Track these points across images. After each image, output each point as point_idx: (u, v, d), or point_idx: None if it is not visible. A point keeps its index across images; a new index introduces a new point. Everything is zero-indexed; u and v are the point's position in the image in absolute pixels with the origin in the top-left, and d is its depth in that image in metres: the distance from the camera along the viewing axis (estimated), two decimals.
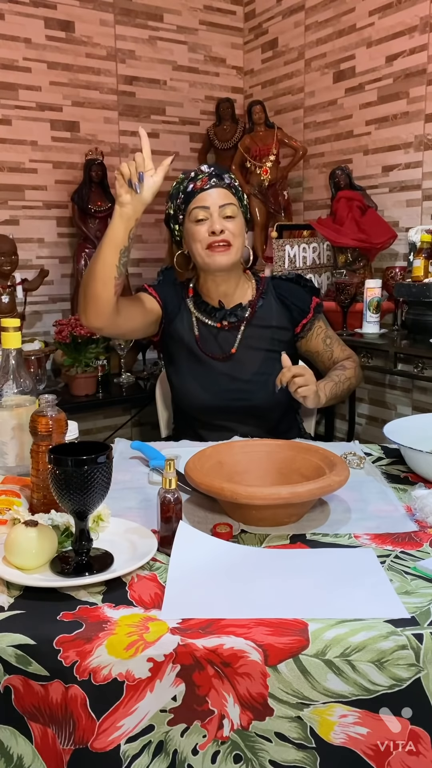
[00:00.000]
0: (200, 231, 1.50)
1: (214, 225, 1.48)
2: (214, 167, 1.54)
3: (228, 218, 1.50)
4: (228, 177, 1.54)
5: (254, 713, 0.75)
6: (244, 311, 1.58)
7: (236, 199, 1.53)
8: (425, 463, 1.20)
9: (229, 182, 1.53)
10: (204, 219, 1.49)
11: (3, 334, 1.25)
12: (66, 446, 0.95)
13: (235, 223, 1.51)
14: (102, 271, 1.40)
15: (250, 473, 1.19)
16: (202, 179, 1.51)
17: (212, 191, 1.50)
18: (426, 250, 2.27)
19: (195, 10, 3.22)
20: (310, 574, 0.91)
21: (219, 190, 1.50)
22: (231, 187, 1.53)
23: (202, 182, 1.50)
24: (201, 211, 1.49)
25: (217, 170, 1.53)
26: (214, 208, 1.49)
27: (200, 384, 1.55)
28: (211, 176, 1.51)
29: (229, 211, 1.50)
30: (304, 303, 1.60)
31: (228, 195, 1.51)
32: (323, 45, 2.92)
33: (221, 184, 1.51)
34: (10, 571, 0.88)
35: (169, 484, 0.98)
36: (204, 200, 1.50)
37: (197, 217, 1.50)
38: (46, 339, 2.81)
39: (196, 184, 1.51)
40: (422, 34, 2.47)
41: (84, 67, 2.97)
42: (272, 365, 1.56)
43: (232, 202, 1.51)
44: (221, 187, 1.51)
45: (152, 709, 0.75)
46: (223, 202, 1.50)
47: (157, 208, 3.23)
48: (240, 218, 1.53)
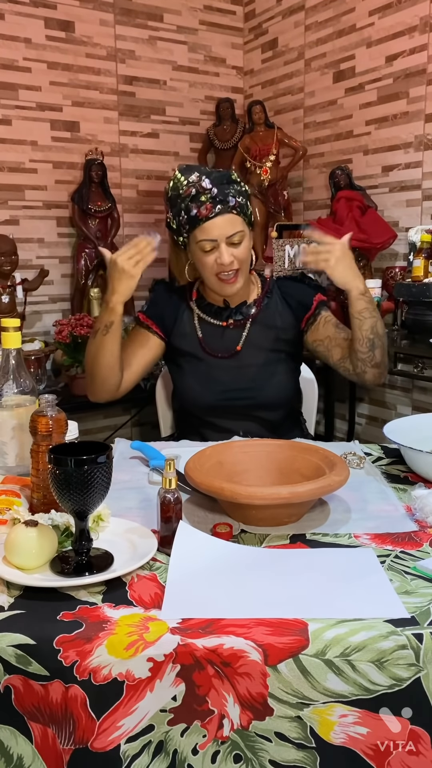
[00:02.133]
0: (209, 262, 1.48)
1: (222, 257, 1.45)
2: (215, 183, 1.44)
3: (235, 245, 1.47)
4: (232, 195, 1.44)
5: (254, 713, 0.75)
6: (250, 309, 1.58)
7: (242, 219, 1.47)
8: (425, 463, 1.20)
9: (233, 203, 1.44)
10: (212, 249, 1.47)
11: (3, 334, 1.25)
12: (66, 446, 0.95)
13: (243, 246, 1.48)
14: (110, 360, 1.49)
15: (250, 473, 1.19)
16: (206, 205, 1.43)
17: (217, 220, 1.44)
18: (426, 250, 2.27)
19: (195, 10, 3.22)
20: (310, 574, 0.91)
21: (224, 217, 1.44)
22: (236, 207, 1.45)
23: (207, 210, 1.43)
24: (208, 243, 1.46)
25: (220, 190, 1.43)
26: (221, 239, 1.45)
27: (203, 383, 1.56)
28: (215, 201, 1.43)
29: (236, 238, 1.46)
30: (307, 298, 1.59)
31: (234, 221, 1.45)
32: (323, 45, 2.92)
33: (226, 209, 1.44)
34: (10, 571, 0.88)
35: (169, 484, 0.98)
36: (210, 232, 1.45)
37: (204, 249, 1.47)
38: (46, 339, 2.81)
39: (200, 211, 1.43)
40: (422, 34, 2.47)
41: (84, 67, 2.97)
42: (276, 364, 1.56)
43: (238, 228, 1.46)
44: (227, 213, 1.44)
45: (152, 708, 0.75)
46: (230, 232, 1.45)
47: (157, 208, 3.24)
48: (247, 237, 1.49)
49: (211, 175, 1.46)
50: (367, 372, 1.50)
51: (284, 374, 1.58)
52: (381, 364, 1.50)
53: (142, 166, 3.19)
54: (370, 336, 1.45)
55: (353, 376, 1.54)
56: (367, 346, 1.46)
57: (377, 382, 1.54)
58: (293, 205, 3.15)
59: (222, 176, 1.47)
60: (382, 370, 1.51)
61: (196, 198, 1.44)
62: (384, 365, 1.51)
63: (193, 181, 1.45)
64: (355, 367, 1.51)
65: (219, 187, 1.44)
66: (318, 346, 1.59)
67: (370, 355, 1.47)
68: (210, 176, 1.45)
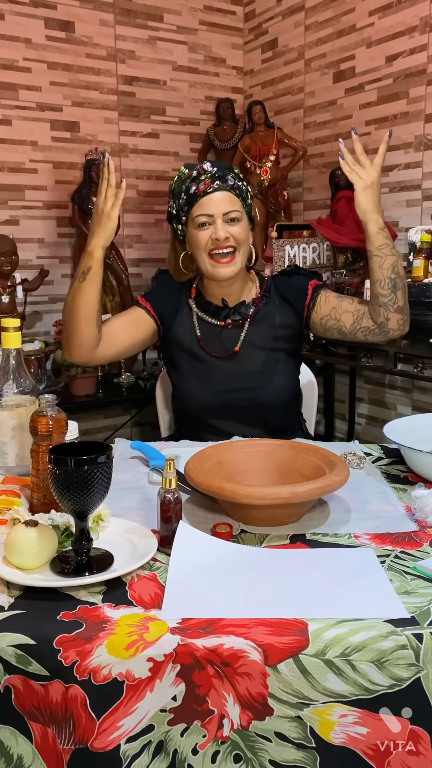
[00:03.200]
0: (203, 238, 1.48)
1: (218, 232, 1.46)
2: (216, 166, 1.50)
3: (232, 222, 1.47)
4: (231, 177, 1.49)
5: (254, 713, 0.75)
6: (248, 308, 1.57)
7: (240, 201, 1.50)
8: (425, 463, 1.20)
9: (233, 183, 1.49)
10: (207, 225, 1.47)
11: (3, 334, 1.25)
12: (66, 446, 0.95)
13: (240, 226, 1.48)
14: (86, 310, 1.44)
15: (250, 473, 1.19)
16: (205, 181, 1.47)
17: (215, 195, 1.47)
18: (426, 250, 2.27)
19: (195, 10, 3.22)
20: (310, 574, 0.91)
21: (223, 193, 1.47)
22: (235, 188, 1.49)
23: (205, 185, 1.47)
24: (204, 217, 1.47)
25: (220, 170, 1.49)
26: (217, 215, 1.46)
27: (202, 383, 1.55)
28: (214, 178, 1.47)
29: (233, 214, 1.47)
30: (303, 287, 1.56)
31: (232, 199, 1.48)
32: (323, 45, 2.93)
33: (224, 187, 1.47)
34: (10, 571, 0.88)
35: (169, 484, 0.98)
36: (207, 206, 1.47)
37: (200, 223, 1.48)
38: (46, 339, 2.81)
39: (198, 187, 1.47)
40: (422, 34, 2.47)
41: (84, 67, 2.97)
42: (275, 364, 1.56)
43: (236, 207, 1.48)
44: (225, 190, 1.47)
45: (152, 708, 0.75)
46: (228, 209, 1.46)
47: (157, 208, 3.24)
48: (245, 221, 1.50)
49: (212, 162, 1.51)
50: (390, 319, 1.44)
51: (283, 374, 1.57)
52: (404, 309, 1.44)
53: (142, 166, 3.19)
54: (391, 275, 1.40)
55: (376, 330, 1.47)
56: (389, 287, 1.40)
57: (402, 330, 1.47)
58: (293, 205, 3.15)
59: (225, 164, 1.52)
60: (405, 317, 1.45)
61: (197, 178, 1.48)
62: (407, 311, 1.45)
63: (194, 166, 1.51)
64: (377, 316, 1.45)
65: (219, 169, 1.49)
66: (327, 322, 1.53)
67: (393, 297, 1.41)
68: (211, 162, 1.51)
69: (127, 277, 3.06)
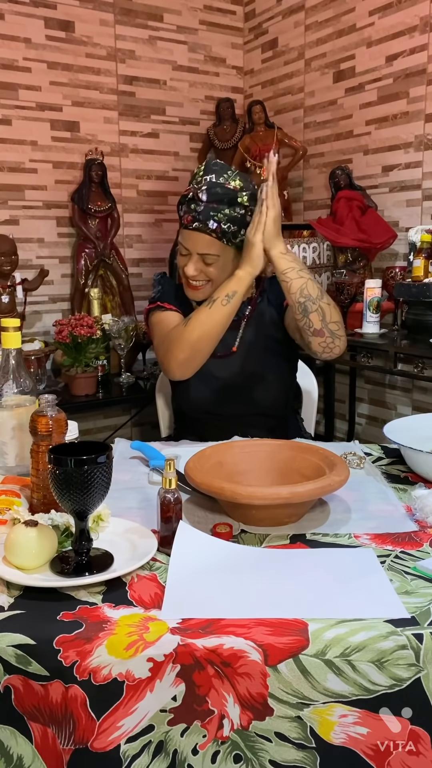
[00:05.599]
0: (181, 263, 1.52)
1: (188, 268, 1.48)
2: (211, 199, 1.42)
3: (208, 264, 1.48)
4: (216, 220, 1.42)
5: (254, 713, 0.75)
6: (245, 309, 1.58)
7: (221, 243, 1.45)
8: (425, 463, 1.20)
9: (215, 227, 1.43)
10: (186, 254, 1.50)
11: (3, 334, 1.25)
12: (66, 446, 0.95)
13: (216, 266, 1.48)
14: (222, 332, 1.45)
15: (250, 473, 1.19)
16: (188, 218, 1.45)
17: (195, 234, 1.46)
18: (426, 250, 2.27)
19: (195, 10, 3.22)
20: (310, 574, 0.91)
21: (202, 235, 1.45)
22: (216, 231, 1.44)
23: (187, 221, 1.46)
24: (183, 248, 1.50)
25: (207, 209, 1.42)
26: (193, 252, 1.48)
27: (201, 383, 1.55)
28: (196, 218, 1.43)
29: (209, 259, 1.47)
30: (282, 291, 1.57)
31: (211, 244, 1.45)
32: (323, 45, 2.92)
33: (204, 230, 1.44)
34: (10, 571, 0.88)
35: (169, 484, 0.98)
36: (186, 240, 1.48)
37: (181, 251, 1.51)
38: (46, 339, 2.81)
39: (186, 216, 1.46)
40: (422, 34, 2.47)
41: (84, 67, 2.96)
42: (271, 365, 1.56)
43: (213, 251, 1.46)
44: (204, 233, 1.44)
45: (152, 709, 0.75)
46: (203, 251, 1.47)
47: (157, 208, 3.24)
48: (224, 257, 1.48)
49: (212, 189, 1.43)
50: (311, 342, 1.40)
51: (279, 374, 1.57)
52: (324, 331, 1.38)
53: (142, 166, 3.19)
54: (300, 299, 1.36)
55: (310, 353, 1.45)
56: (299, 311, 1.37)
57: (331, 353, 1.42)
58: (293, 205, 3.15)
59: (224, 195, 1.44)
60: (328, 339, 1.39)
61: (189, 203, 1.46)
62: (331, 333, 1.39)
63: (198, 184, 1.46)
64: (301, 340, 1.45)
65: (209, 205, 1.43)
66: (292, 333, 1.54)
67: (306, 321, 1.38)
68: (211, 190, 1.43)
69: (127, 277, 3.06)
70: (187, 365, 1.46)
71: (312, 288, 1.38)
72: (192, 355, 1.44)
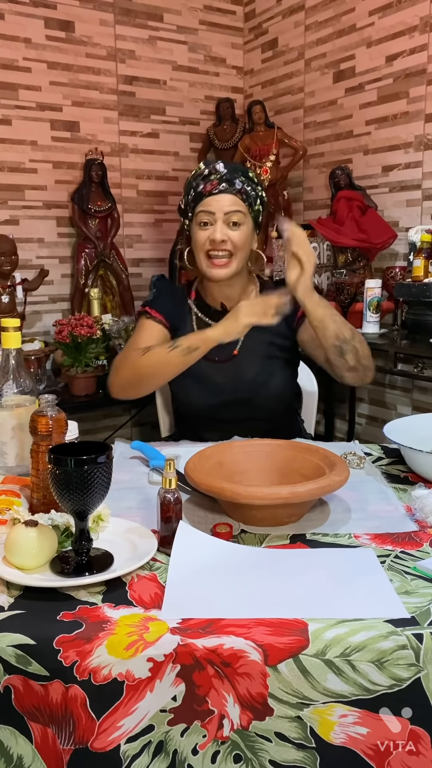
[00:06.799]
0: (202, 237, 1.47)
1: (215, 233, 1.45)
2: (228, 168, 1.47)
3: (234, 225, 1.46)
4: (240, 181, 1.46)
5: (254, 713, 0.75)
6: None
7: (246, 206, 1.47)
8: (425, 463, 1.20)
9: (240, 187, 1.46)
10: (208, 225, 1.47)
11: (3, 334, 1.25)
12: (66, 446, 0.95)
13: (241, 231, 1.47)
14: (171, 376, 1.47)
15: (250, 473, 1.19)
16: (212, 182, 1.45)
17: (220, 196, 1.45)
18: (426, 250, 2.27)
19: (195, 10, 3.22)
20: (310, 574, 0.91)
21: (227, 196, 1.46)
22: (242, 192, 1.47)
23: (212, 185, 1.45)
24: (205, 216, 1.46)
25: (230, 173, 1.46)
26: (219, 215, 1.45)
27: (201, 388, 1.55)
28: (222, 180, 1.45)
29: (235, 218, 1.45)
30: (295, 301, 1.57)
31: (236, 202, 1.46)
32: (323, 45, 2.92)
33: (231, 190, 1.45)
34: (10, 571, 0.88)
35: (169, 484, 0.98)
36: (210, 205, 1.46)
37: (201, 221, 1.47)
38: (46, 339, 2.81)
39: (206, 187, 1.46)
40: (422, 34, 2.47)
41: (84, 67, 2.97)
42: (272, 369, 1.56)
43: (240, 209, 1.46)
44: (230, 193, 1.46)
45: (152, 709, 0.75)
46: (229, 209, 1.45)
47: (157, 208, 3.24)
48: (247, 225, 1.49)
49: (227, 164, 1.49)
50: (345, 376, 1.47)
51: (280, 379, 1.57)
52: (358, 367, 1.46)
53: (142, 166, 3.19)
54: (335, 343, 1.42)
55: (340, 381, 1.52)
56: (335, 353, 1.43)
57: (362, 382, 1.50)
58: (293, 205, 3.15)
59: (239, 168, 1.50)
60: (361, 373, 1.48)
61: (207, 177, 1.47)
62: (363, 367, 1.47)
63: (210, 163, 1.49)
64: (334, 372, 1.49)
65: (231, 171, 1.47)
66: (306, 347, 1.57)
67: (342, 361, 1.44)
68: (226, 163, 1.49)
69: (127, 277, 3.05)
70: (125, 391, 1.51)
71: (345, 331, 1.43)
72: (135, 383, 1.49)
